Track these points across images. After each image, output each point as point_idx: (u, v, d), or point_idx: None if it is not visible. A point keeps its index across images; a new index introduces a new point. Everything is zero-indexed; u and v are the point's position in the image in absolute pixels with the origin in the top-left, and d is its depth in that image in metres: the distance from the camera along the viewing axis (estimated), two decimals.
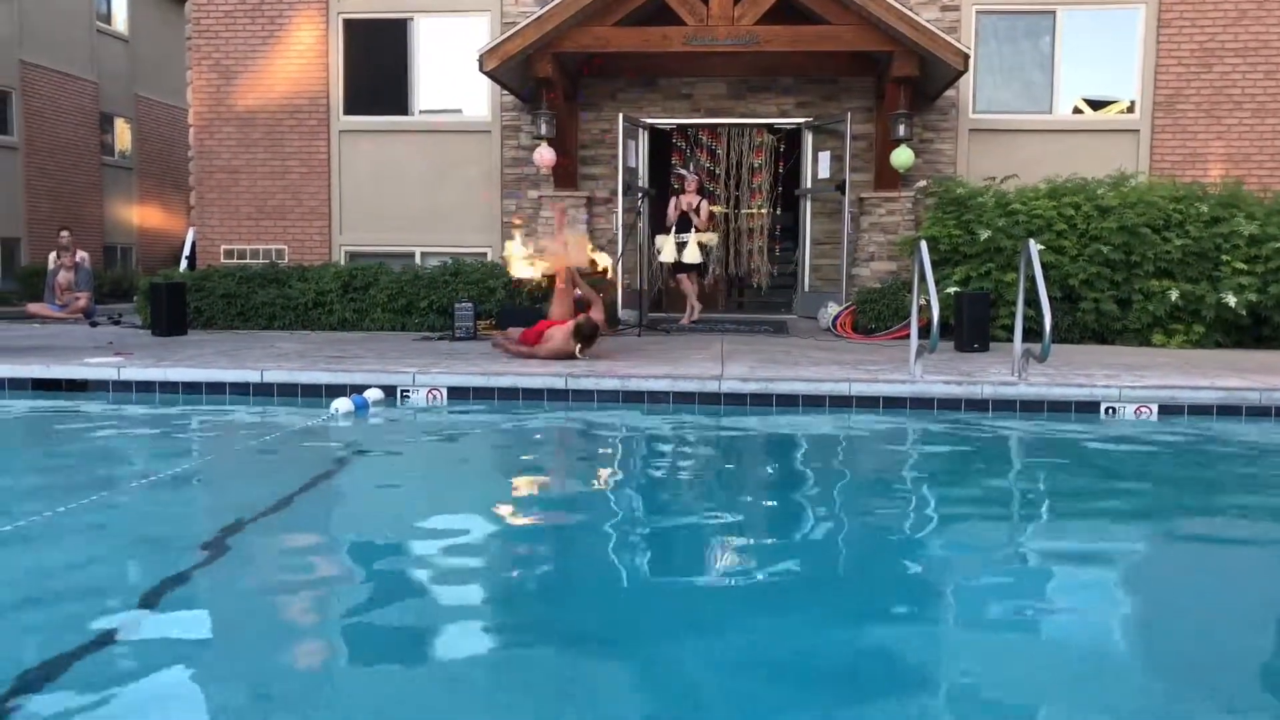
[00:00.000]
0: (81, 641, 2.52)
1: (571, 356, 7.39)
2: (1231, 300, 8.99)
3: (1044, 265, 7.27)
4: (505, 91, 11.25)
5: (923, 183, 10.85)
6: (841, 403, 6.27)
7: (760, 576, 3.26)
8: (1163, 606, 3.08)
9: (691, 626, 2.76)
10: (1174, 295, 9.13)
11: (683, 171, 11.60)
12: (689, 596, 3.05)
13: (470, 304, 9.49)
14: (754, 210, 12.87)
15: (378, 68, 11.92)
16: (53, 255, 13.16)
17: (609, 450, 5.70)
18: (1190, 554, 3.71)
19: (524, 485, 4.80)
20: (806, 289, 11.67)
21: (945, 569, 3.46)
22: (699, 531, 3.84)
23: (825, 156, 11.37)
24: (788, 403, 6.29)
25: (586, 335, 7.41)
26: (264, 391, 6.56)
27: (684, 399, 6.35)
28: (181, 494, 4.32)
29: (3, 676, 2.28)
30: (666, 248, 10.71)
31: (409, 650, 2.60)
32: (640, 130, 11.37)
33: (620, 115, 10.85)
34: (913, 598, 3.14)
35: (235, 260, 11.88)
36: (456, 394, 6.47)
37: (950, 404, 6.25)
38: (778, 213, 12.83)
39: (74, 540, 3.48)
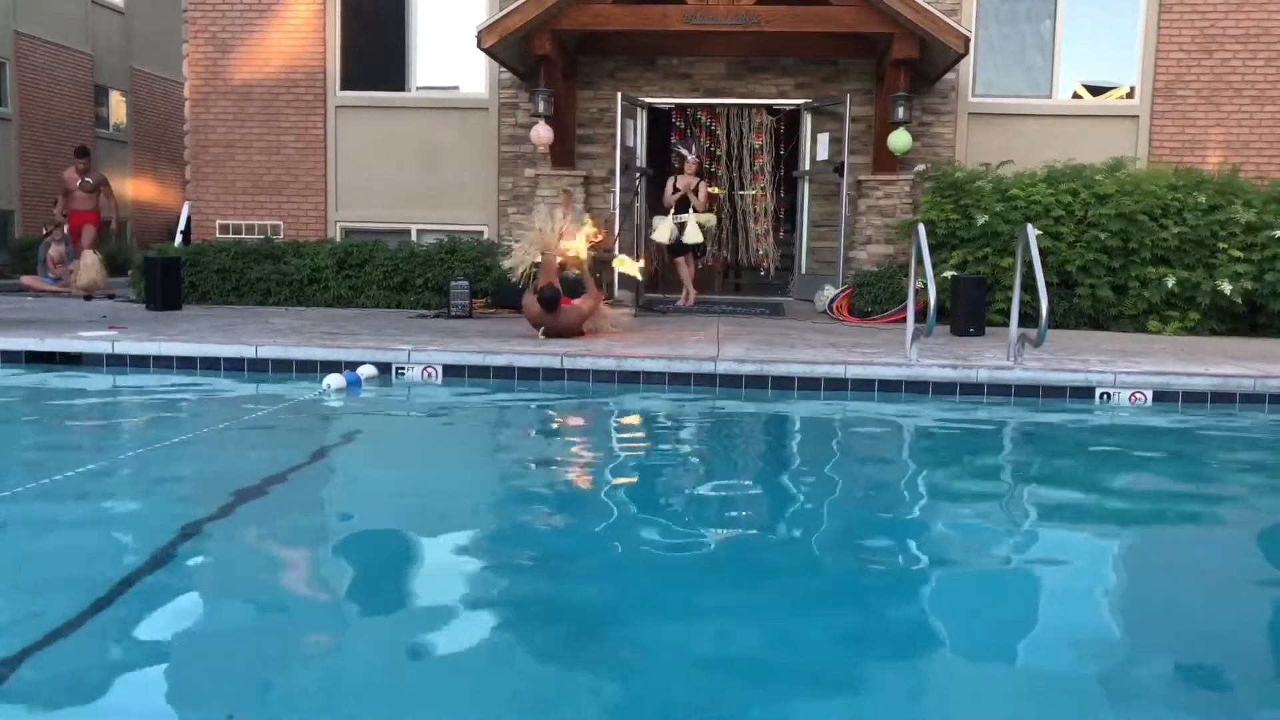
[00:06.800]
0: (67, 617, 2.52)
1: (539, 324, 7.34)
2: (1227, 288, 8.99)
3: (1041, 251, 7.26)
4: (503, 69, 11.19)
5: (921, 166, 10.82)
6: (837, 385, 6.27)
7: (755, 559, 3.26)
8: (1152, 591, 3.09)
9: (686, 609, 2.76)
10: (1170, 282, 9.14)
11: (683, 151, 11.56)
12: (684, 578, 3.06)
13: (466, 282, 9.48)
14: (757, 192, 12.84)
15: (375, 43, 11.85)
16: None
17: (603, 431, 5.70)
18: (1181, 539, 3.73)
19: (517, 465, 4.80)
20: (804, 271, 11.66)
21: (936, 552, 3.46)
22: (694, 513, 3.84)
23: (824, 138, 11.33)
24: (784, 385, 6.29)
25: (546, 299, 7.30)
26: (258, 367, 6.55)
27: (680, 380, 6.34)
28: (173, 469, 4.31)
29: None
30: (662, 228, 10.66)
31: (398, 627, 2.60)
32: (639, 109, 11.32)
33: (619, 94, 10.80)
34: (904, 581, 3.14)
35: (230, 235, 11.83)
36: (451, 371, 6.46)
37: (945, 388, 6.25)
38: (780, 195, 12.80)
39: (63, 513, 3.48)
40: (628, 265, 8.71)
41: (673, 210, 10.66)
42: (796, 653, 2.44)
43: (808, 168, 11.59)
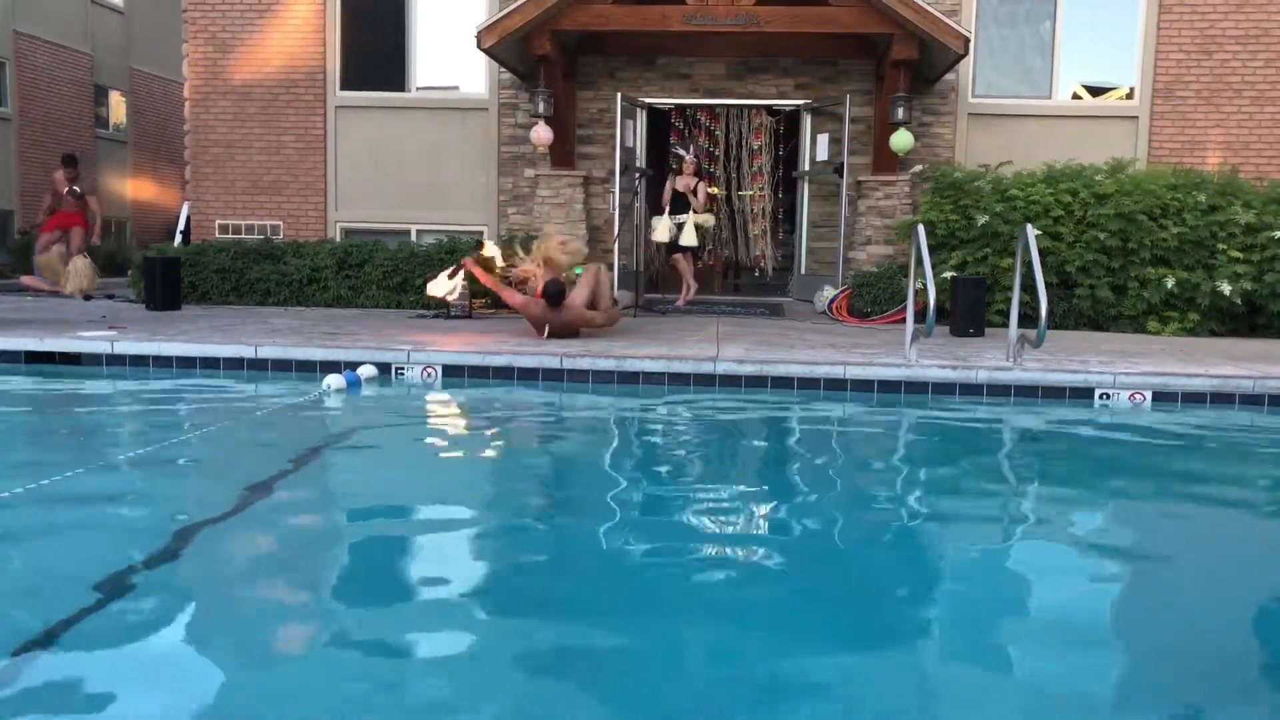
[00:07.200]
0: (66, 617, 2.52)
1: (543, 324, 7.35)
2: (1226, 289, 8.99)
3: (1040, 251, 7.27)
4: (503, 69, 11.19)
5: (918, 167, 10.83)
6: (837, 385, 6.27)
7: (753, 559, 3.27)
8: (1150, 591, 3.09)
9: (684, 608, 2.76)
10: (1170, 283, 9.14)
11: (681, 152, 11.56)
12: (683, 580, 3.06)
13: (466, 282, 9.46)
14: (755, 192, 12.83)
15: (375, 43, 11.86)
16: None
17: (602, 431, 5.70)
18: (1180, 540, 3.73)
19: (515, 465, 4.80)
20: (803, 272, 11.66)
21: (934, 553, 3.46)
22: (692, 512, 3.84)
23: (824, 139, 11.34)
24: (783, 385, 6.29)
25: (551, 293, 7.31)
26: (258, 367, 6.55)
27: (679, 380, 6.35)
28: (172, 469, 4.31)
29: None
30: (661, 227, 10.67)
31: (397, 627, 2.60)
32: (638, 110, 11.32)
33: (618, 94, 10.80)
34: (901, 582, 3.14)
35: (230, 235, 11.84)
36: (451, 371, 6.46)
37: (945, 388, 6.25)
38: (779, 196, 12.80)
39: (62, 514, 3.48)
40: (490, 250, 8.69)
41: (668, 209, 10.66)
42: (792, 652, 2.44)
43: (807, 168, 11.59)
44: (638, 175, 10.98)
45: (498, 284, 7.88)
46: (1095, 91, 11.46)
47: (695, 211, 10.65)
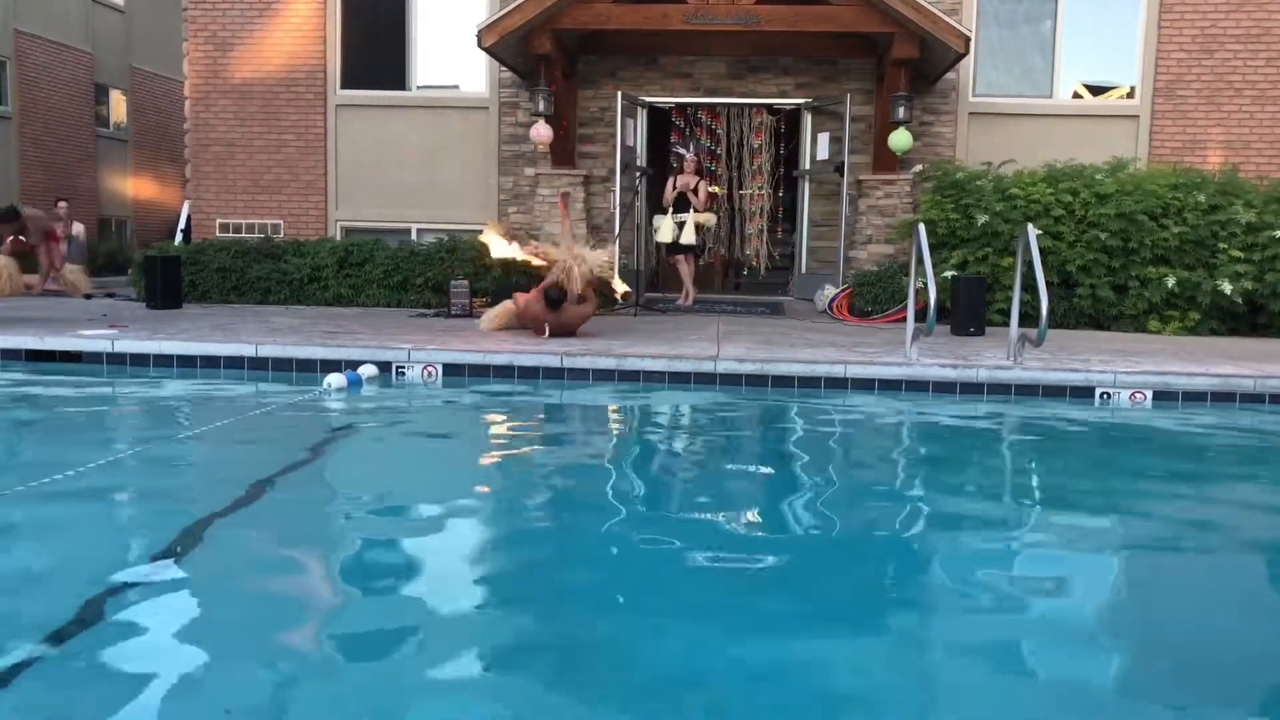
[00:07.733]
0: (68, 615, 2.52)
1: (543, 324, 7.35)
2: (1227, 288, 8.99)
3: (1041, 250, 7.26)
4: (504, 68, 11.19)
5: (919, 166, 10.83)
6: (837, 384, 6.27)
7: (753, 559, 3.26)
8: (1151, 589, 3.09)
9: (685, 608, 2.76)
10: (1171, 282, 9.14)
11: (681, 151, 11.57)
12: (682, 577, 3.06)
13: (465, 281, 9.47)
14: (753, 191, 12.84)
15: (375, 42, 11.85)
16: None
17: (603, 429, 5.70)
18: (1180, 540, 3.72)
19: (516, 464, 4.79)
20: (804, 271, 11.66)
21: (933, 553, 3.46)
22: (694, 514, 3.84)
23: (824, 138, 11.33)
24: (784, 384, 6.29)
25: (553, 299, 7.34)
26: (258, 366, 6.55)
27: (680, 379, 6.34)
28: (172, 468, 4.31)
29: None
30: (664, 227, 10.67)
31: (396, 628, 2.60)
32: (639, 109, 11.32)
33: (619, 93, 10.79)
34: (900, 582, 3.15)
35: (230, 234, 11.83)
36: (451, 370, 6.46)
37: (945, 387, 6.25)
38: (779, 194, 12.80)
39: (63, 512, 3.48)
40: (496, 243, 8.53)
41: (672, 209, 10.67)
42: (788, 652, 2.44)
43: (808, 167, 11.59)
44: (639, 174, 10.98)
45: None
46: (1096, 91, 11.45)
47: (695, 210, 10.65)
